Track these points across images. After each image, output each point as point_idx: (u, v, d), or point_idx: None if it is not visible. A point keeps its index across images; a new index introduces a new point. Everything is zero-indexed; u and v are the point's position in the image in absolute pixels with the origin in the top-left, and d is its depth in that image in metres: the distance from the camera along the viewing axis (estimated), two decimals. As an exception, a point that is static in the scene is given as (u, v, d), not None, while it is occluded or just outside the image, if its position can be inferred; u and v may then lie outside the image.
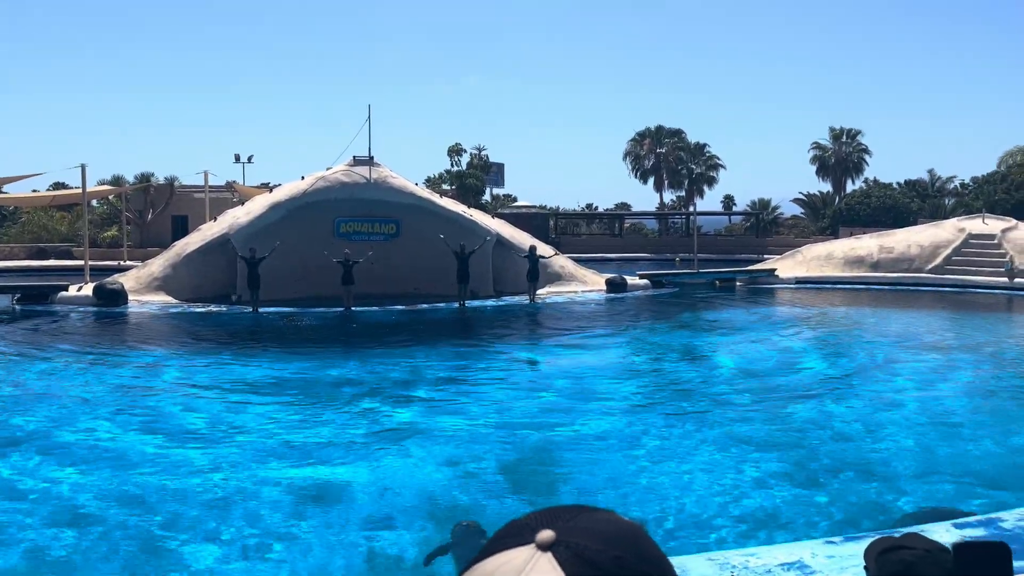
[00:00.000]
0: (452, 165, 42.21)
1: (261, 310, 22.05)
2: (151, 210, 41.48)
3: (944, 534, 6.37)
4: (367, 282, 24.66)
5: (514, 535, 0.74)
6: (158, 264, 24.84)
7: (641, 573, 0.71)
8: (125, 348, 17.31)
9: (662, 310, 23.89)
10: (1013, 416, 10.89)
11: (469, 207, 28.96)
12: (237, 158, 46.52)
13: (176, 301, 23.39)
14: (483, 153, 43.34)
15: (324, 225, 25.04)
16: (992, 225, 27.97)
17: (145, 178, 42.33)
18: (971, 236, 27.73)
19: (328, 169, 26.00)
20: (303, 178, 25.85)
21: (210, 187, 36.65)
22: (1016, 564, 1.08)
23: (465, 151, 42.25)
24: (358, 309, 22.55)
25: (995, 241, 27.13)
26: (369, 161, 25.83)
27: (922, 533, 6.44)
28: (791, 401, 11.86)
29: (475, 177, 38.18)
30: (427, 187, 34.65)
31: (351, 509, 7.58)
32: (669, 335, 19.36)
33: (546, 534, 0.71)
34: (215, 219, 26.20)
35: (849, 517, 7.38)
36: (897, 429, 10.10)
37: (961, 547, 0.96)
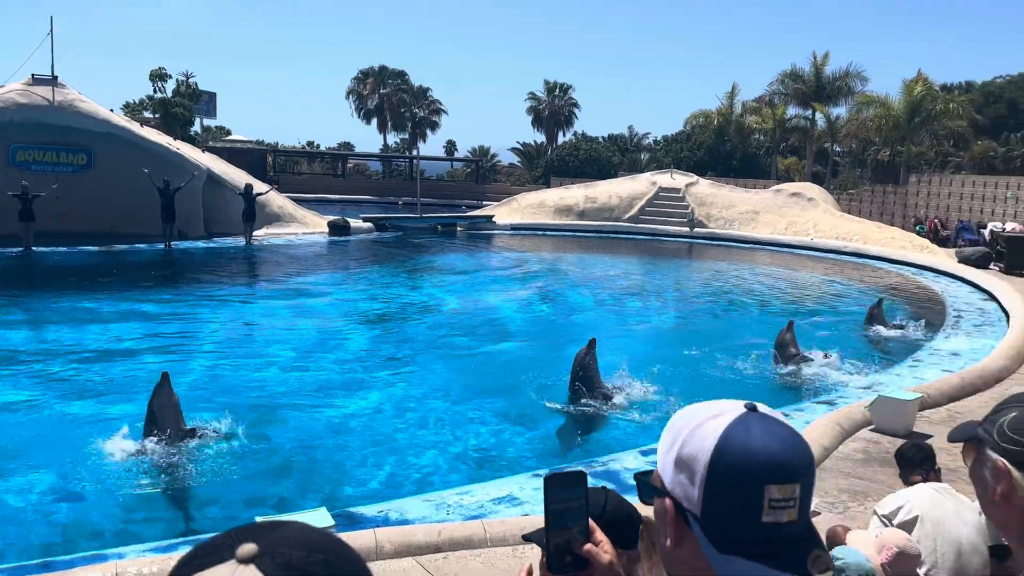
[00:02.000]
0: (155, 92, 38.24)
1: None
2: None
3: (632, 461, 7.13)
4: (53, 218, 21.84)
5: (210, 554, 0.72)
6: None
7: (348, 573, 0.74)
8: None
9: (384, 254, 23.90)
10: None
11: (176, 139, 26.60)
12: None
13: None
14: (191, 80, 39.77)
15: (-5, 152, 21.67)
16: (678, 180, 31.33)
17: None
18: (661, 189, 30.87)
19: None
20: (-34, 95, 22.06)
21: None
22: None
23: (171, 77, 38.43)
24: (41, 249, 19.94)
25: (680, 194, 30.45)
26: (52, 81, 22.63)
27: (615, 460, 7.11)
28: (504, 343, 12.50)
29: (182, 106, 34.94)
30: (125, 115, 31.20)
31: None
32: (392, 280, 19.44)
33: (248, 548, 0.71)
34: None
35: (555, 450, 7.98)
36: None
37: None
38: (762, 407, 1.06)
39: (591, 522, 1.17)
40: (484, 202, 38.90)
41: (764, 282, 20.05)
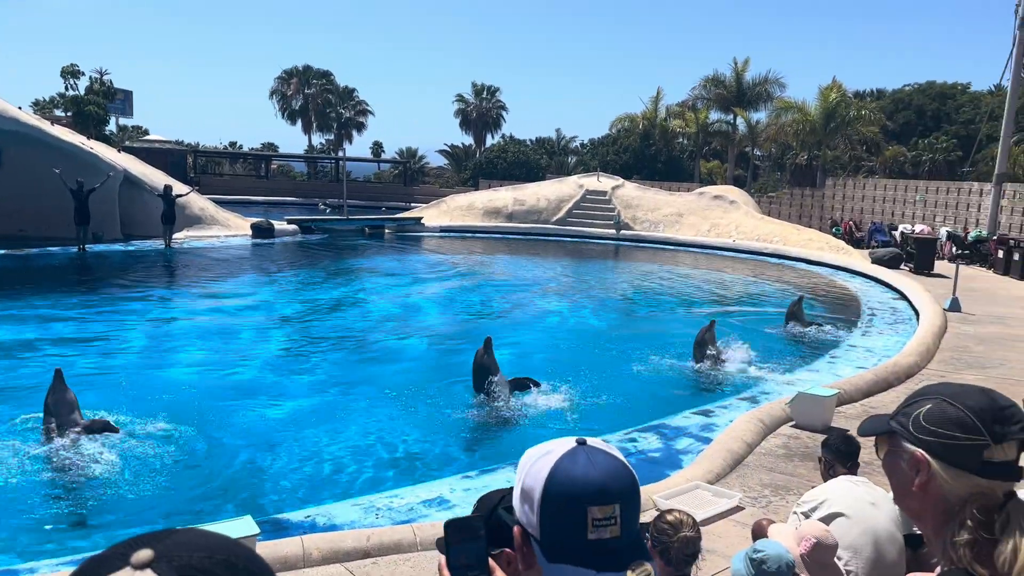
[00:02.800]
0: (67, 89, 36.74)
1: None
2: None
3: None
4: (-45, 221, 20.85)
5: (102, 564, 0.70)
6: None
7: (250, 572, 0.74)
8: None
9: (309, 257, 23.49)
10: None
11: (89, 138, 25.60)
12: None
13: None
14: (106, 77, 38.37)
15: None
16: (605, 183, 31.73)
17: None
18: (588, 192, 31.22)
19: None
20: None
21: None
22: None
23: (84, 74, 36.98)
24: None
25: (607, 197, 30.84)
26: (-46, 75, 21.50)
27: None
28: (431, 345, 12.42)
29: (96, 104, 33.66)
30: (35, 112, 29.86)
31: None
32: (317, 283, 19.12)
33: (143, 554, 0.70)
34: None
35: (480, 450, 7.96)
36: (533, 370, 11.09)
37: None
38: (592, 441, 1.23)
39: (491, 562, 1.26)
40: (412, 204, 38.66)
41: (688, 282, 20.47)
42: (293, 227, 27.52)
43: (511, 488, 1.31)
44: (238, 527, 4.65)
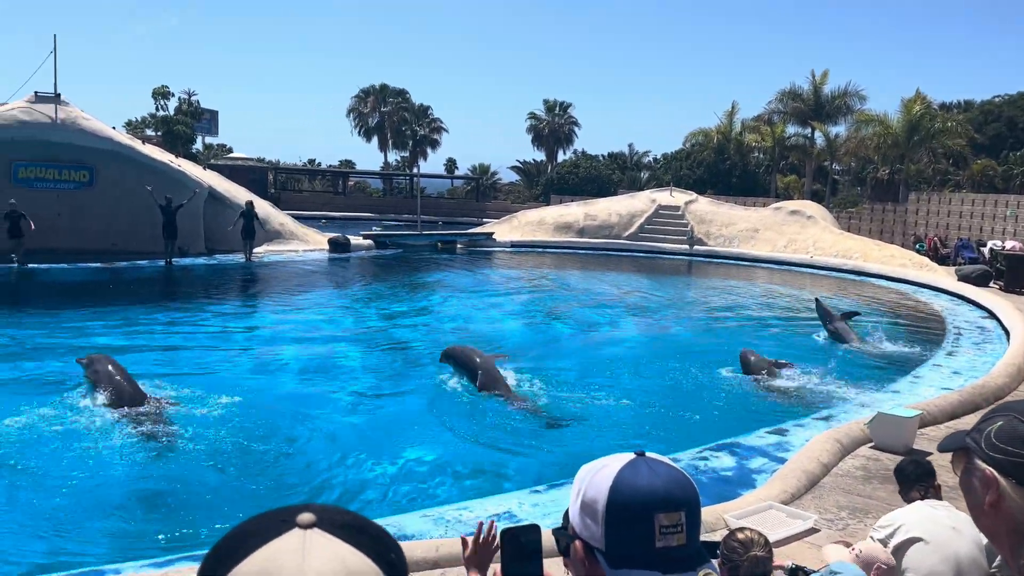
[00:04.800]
0: (158, 109, 38.49)
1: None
2: None
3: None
4: (54, 235, 21.99)
5: (268, 529, 0.75)
6: None
7: (388, 536, 0.80)
8: None
9: (382, 271, 23.94)
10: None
11: (177, 156, 26.72)
12: None
13: None
14: (193, 98, 40.02)
15: (-2, 169, 21.79)
16: (678, 198, 31.40)
17: None
18: (661, 207, 30.94)
19: (2, 105, 22.54)
20: (-31, 112, 22.20)
21: None
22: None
23: (173, 95, 38.69)
24: (40, 266, 20.00)
25: (680, 212, 30.51)
26: (55, 99, 22.78)
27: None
28: (505, 362, 12.49)
29: (184, 124, 35.14)
30: (128, 132, 31.33)
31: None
32: (391, 296, 19.46)
33: (307, 516, 0.75)
34: None
35: (552, 470, 7.95)
36: (604, 388, 11.05)
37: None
38: (650, 454, 1.24)
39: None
40: (484, 219, 38.99)
41: (763, 299, 20.06)
42: (368, 242, 28.10)
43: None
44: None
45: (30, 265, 19.93)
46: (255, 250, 23.86)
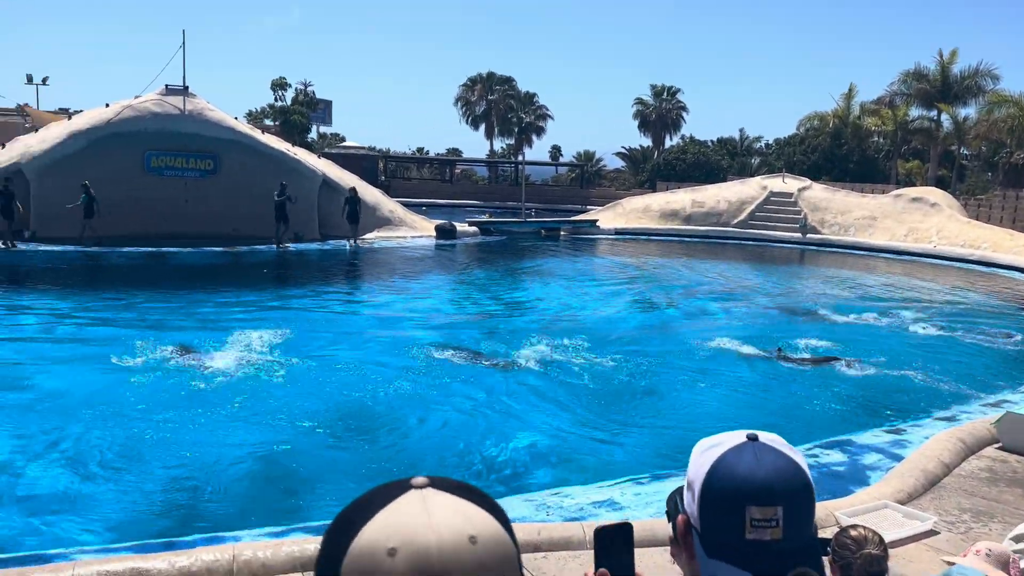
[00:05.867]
0: (276, 100, 40.16)
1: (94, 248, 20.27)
2: (-78, 132, 36.58)
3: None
4: (180, 221, 23.28)
5: (388, 492, 0.79)
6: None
7: (496, 502, 0.83)
8: None
9: (487, 257, 24.19)
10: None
11: (293, 145, 27.76)
12: (29, 79, 41.80)
13: (-45, 236, 20.96)
14: (309, 89, 41.51)
15: (132, 158, 23.17)
16: (790, 184, 30.34)
17: (-86, 95, 37.20)
18: (772, 194, 29.97)
19: (137, 98, 23.96)
20: (108, 105, 23.69)
21: (-4, 110, 32.81)
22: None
23: (290, 86, 40.29)
24: (171, 250, 21.23)
25: (792, 199, 29.48)
26: (184, 91, 24.04)
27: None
28: (607, 347, 12.42)
29: (300, 114, 36.53)
30: (248, 122, 32.77)
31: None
32: (496, 282, 19.66)
33: (421, 479, 0.80)
34: (3, 146, 23.51)
35: (655, 459, 7.88)
36: (710, 377, 10.86)
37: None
38: (765, 437, 1.18)
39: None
40: (588, 207, 38.77)
41: (882, 290, 19.16)
42: (473, 229, 28.46)
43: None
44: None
45: (19, 246, 20.54)
46: (365, 236, 24.60)
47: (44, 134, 23.23)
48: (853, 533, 3.06)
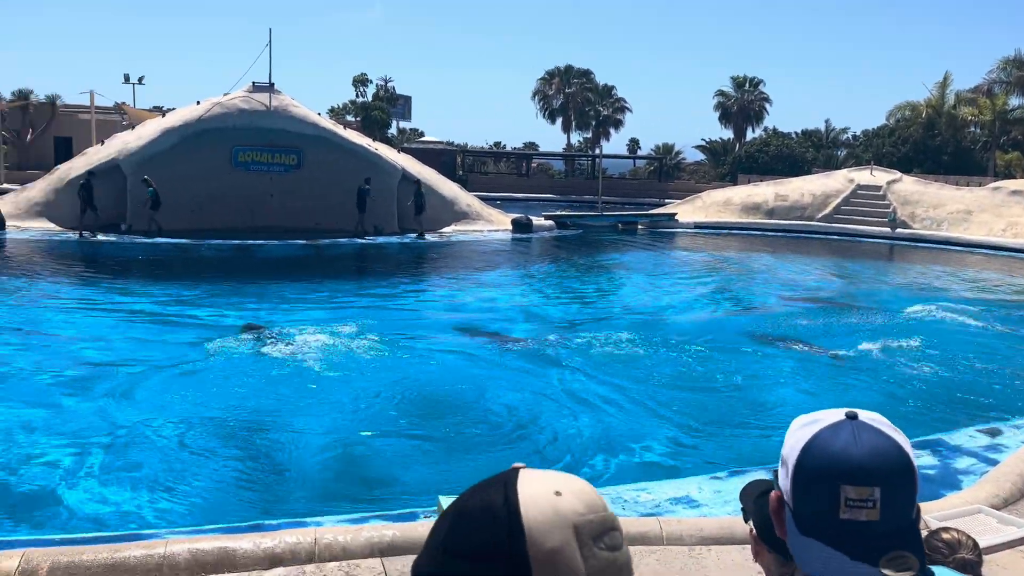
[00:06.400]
0: (357, 96, 40.98)
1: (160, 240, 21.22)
2: (30, 130, 38.71)
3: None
4: (265, 215, 23.99)
5: (489, 482, 0.86)
6: (39, 188, 23.34)
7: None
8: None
9: (564, 252, 24.14)
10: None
11: (374, 140, 28.27)
12: (127, 78, 43.73)
13: (59, 228, 22.13)
14: (389, 85, 42.21)
15: (221, 153, 24.00)
16: (879, 177, 29.29)
17: (23, 95, 39.33)
18: (859, 187, 28.99)
19: (225, 95, 24.79)
20: (198, 103, 24.60)
21: (96, 108, 34.43)
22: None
23: (371, 82, 41.05)
24: (258, 243, 21.93)
25: (881, 192, 28.45)
26: (270, 88, 24.76)
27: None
28: (687, 344, 12.25)
29: (381, 109, 37.19)
30: (331, 118, 33.52)
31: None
32: (573, 277, 19.61)
33: (518, 464, 0.88)
34: (102, 143, 24.69)
35: (733, 456, 7.73)
36: (792, 374, 10.60)
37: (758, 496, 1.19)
38: (865, 415, 1.16)
39: None
40: (666, 200, 38.26)
41: (979, 287, 18.31)
42: (550, 223, 28.43)
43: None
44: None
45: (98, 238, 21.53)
46: (443, 230, 24.92)
47: (140, 131, 24.29)
48: (946, 536, 2.93)
